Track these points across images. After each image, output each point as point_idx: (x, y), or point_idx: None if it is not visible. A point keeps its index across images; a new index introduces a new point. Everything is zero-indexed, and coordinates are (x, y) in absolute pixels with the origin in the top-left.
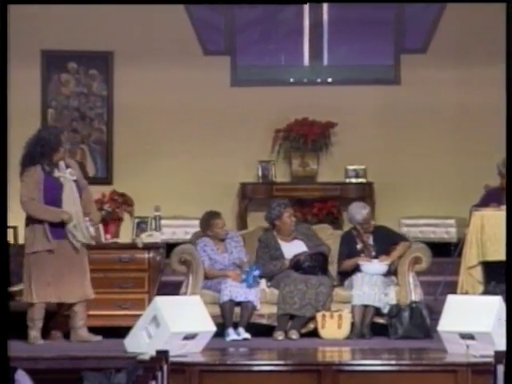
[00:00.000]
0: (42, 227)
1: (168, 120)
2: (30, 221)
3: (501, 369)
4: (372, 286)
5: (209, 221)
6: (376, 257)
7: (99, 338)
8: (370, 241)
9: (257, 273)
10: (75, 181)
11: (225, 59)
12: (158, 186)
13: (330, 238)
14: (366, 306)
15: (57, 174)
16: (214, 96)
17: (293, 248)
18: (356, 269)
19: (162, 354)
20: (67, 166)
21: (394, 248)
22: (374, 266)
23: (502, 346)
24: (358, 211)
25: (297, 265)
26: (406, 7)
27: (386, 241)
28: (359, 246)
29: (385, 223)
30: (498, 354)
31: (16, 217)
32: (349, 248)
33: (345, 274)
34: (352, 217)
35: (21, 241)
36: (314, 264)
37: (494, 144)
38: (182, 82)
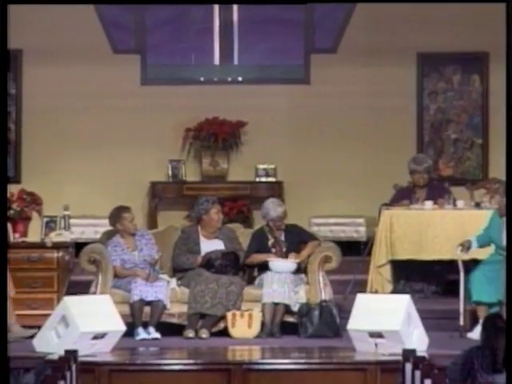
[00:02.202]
0: None
1: (77, 118)
2: None
3: (409, 367)
4: (282, 283)
5: (118, 214)
6: (286, 254)
7: None
8: (282, 237)
9: None
10: None
11: (135, 58)
12: (67, 185)
13: (240, 236)
14: (276, 305)
15: None
16: (124, 95)
17: (212, 246)
18: (266, 267)
19: (71, 354)
20: None
21: (304, 247)
22: (282, 264)
23: (410, 344)
24: (274, 208)
25: (209, 262)
26: (316, 7)
27: (297, 239)
28: (270, 242)
29: (295, 222)
30: (406, 352)
31: None
32: (259, 244)
33: (255, 271)
34: (266, 212)
35: None
36: (226, 263)
37: (404, 144)
38: (91, 81)
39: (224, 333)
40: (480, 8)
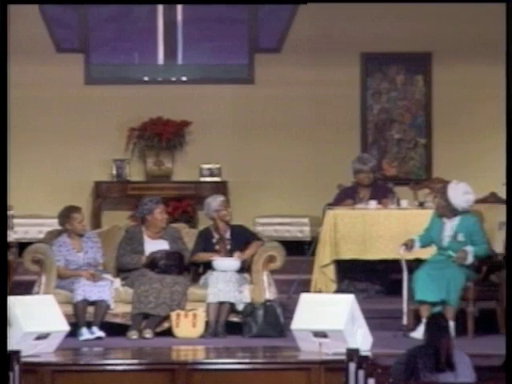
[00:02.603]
0: None
1: (21, 117)
2: None
3: (353, 366)
4: (227, 282)
5: (68, 214)
6: (231, 253)
7: None
8: (228, 235)
9: None
10: None
11: (78, 57)
12: (10, 184)
13: (185, 236)
14: (221, 304)
15: None
16: (68, 94)
17: (156, 246)
18: (210, 266)
19: (14, 354)
20: None
21: (249, 247)
22: (225, 262)
23: (354, 343)
24: (213, 198)
25: (153, 262)
26: (259, 6)
27: (242, 239)
28: (215, 240)
29: (240, 222)
30: (350, 351)
31: None
32: (205, 242)
33: (200, 270)
34: (208, 206)
35: None
36: (170, 263)
37: (348, 143)
38: (35, 79)
39: (168, 333)
40: (424, 8)
